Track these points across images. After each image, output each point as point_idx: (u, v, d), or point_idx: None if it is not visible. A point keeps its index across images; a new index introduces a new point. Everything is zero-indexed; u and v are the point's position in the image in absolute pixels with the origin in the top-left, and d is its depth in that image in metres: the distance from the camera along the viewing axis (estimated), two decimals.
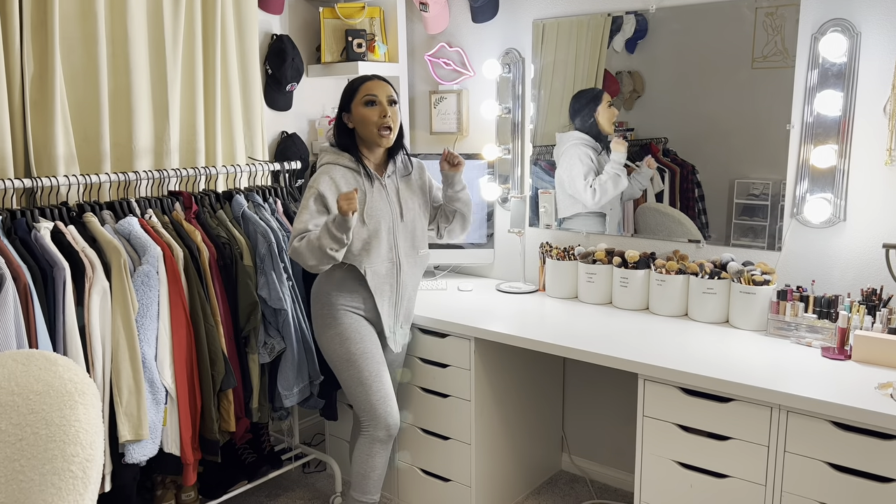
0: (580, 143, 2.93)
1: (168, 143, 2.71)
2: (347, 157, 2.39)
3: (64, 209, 2.28)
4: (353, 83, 2.39)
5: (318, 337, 2.47)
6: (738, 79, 2.55)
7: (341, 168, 2.37)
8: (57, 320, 2.08)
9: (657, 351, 2.23)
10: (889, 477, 1.80)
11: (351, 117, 2.38)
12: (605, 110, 2.86)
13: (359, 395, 2.41)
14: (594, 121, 2.88)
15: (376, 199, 2.38)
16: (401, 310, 2.49)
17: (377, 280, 2.39)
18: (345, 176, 2.36)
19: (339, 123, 2.42)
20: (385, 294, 2.42)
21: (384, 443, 2.43)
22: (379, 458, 2.44)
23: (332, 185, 2.33)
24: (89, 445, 1.65)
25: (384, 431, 2.42)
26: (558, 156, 2.99)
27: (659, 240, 2.79)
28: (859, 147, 2.31)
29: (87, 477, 1.62)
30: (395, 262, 2.43)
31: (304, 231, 2.29)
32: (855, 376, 2.01)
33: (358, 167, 2.38)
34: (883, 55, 2.23)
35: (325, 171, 2.35)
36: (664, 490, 2.19)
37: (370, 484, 2.46)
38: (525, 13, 3.00)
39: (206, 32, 2.81)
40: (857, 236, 2.36)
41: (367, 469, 2.44)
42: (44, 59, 2.38)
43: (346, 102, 2.39)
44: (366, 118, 2.34)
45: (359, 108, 2.35)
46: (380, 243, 2.37)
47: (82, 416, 1.67)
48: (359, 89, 2.35)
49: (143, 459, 2.21)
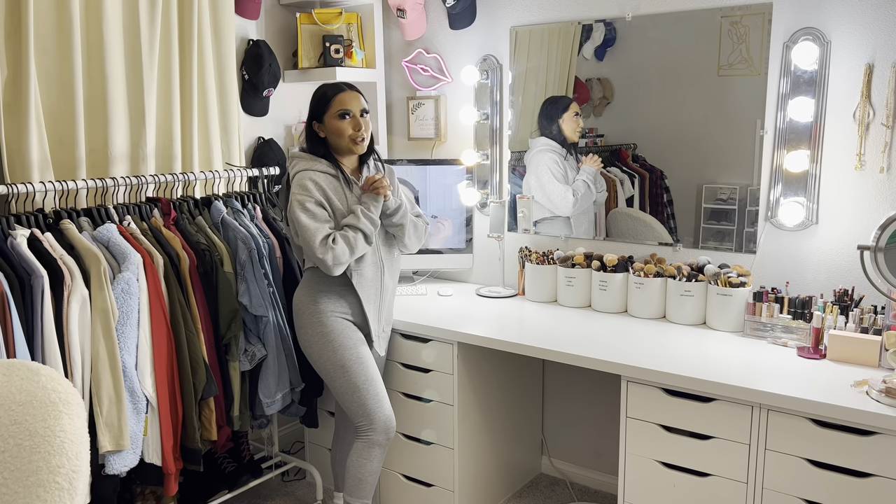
0: (547, 150, 2.98)
1: (144, 148, 2.68)
2: (325, 163, 2.36)
3: (40, 216, 2.24)
4: (325, 94, 2.36)
5: (305, 345, 2.44)
6: (704, 86, 2.61)
7: (320, 174, 2.34)
8: (35, 329, 2.04)
9: (638, 353, 2.27)
10: (867, 472, 1.86)
11: (323, 128, 2.37)
12: (571, 119, 2.91)
13: (355, 400, 2.39)
14: (559, 128, 2.93)
15: (355, 203, 2.37)
16: (384, 312, 2.50)
17: (364, 283, 2.39)
18: (325, 180, 2.34)
19: (311, 132, 2.40)
20: (371, 297, 2.42)
21: (382, 446, 2.44)
22: (376, 461, 2.44)
23: (318, 188, 2.31)
24: (75, 456, 1.61)
25: (383, 435, 2.41)
26: (528, 161, 3.04)
27: (634, 243, 2.83)
28: (831, 152, 2.38)
29: (74, 488, 1.59)
30: (378, 265, 2.44)
31: (325, 233, 2.26)
32: (831, 375, 2.07)
33: (336, 172, 2.37)
34: (852, 63, 2.31)
35: (307, 178, 2.32)
36: (647, 490, 2.22)
37: (365, 488, 2.45)
38: (502, 20, 3.03)
39: (183, 37, 2.78)
40: (829, 239, 2.42)
41: (365, 473, 2.43)
42: (18, 63, 2.33)
43: (319, 113, 2.36)
44: (339, 131, 2.34)
45: (332, 121, 2.34)
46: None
47: (67, 427, 1.63)
48: (332, 102, 2.34)
49: (123, 470, 2.18)
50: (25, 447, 1.60)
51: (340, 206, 2.34)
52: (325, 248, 2.25)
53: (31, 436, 1.61)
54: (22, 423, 1.62)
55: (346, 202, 2.35)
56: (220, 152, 2.96)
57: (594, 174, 2.87)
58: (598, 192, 2.89)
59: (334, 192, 2.34)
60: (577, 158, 2.92)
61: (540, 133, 2.99)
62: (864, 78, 2.28)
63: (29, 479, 1.57)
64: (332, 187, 2.34)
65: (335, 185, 2.36)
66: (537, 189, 3.01)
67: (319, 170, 2.35)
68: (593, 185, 2.88)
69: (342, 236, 2.27)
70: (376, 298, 2.45)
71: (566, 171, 2.93)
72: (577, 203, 2.93)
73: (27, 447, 1.60)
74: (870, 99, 2.29)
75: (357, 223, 2.29)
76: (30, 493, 1.56)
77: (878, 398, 1.86)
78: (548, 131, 2.97)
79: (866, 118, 2.30)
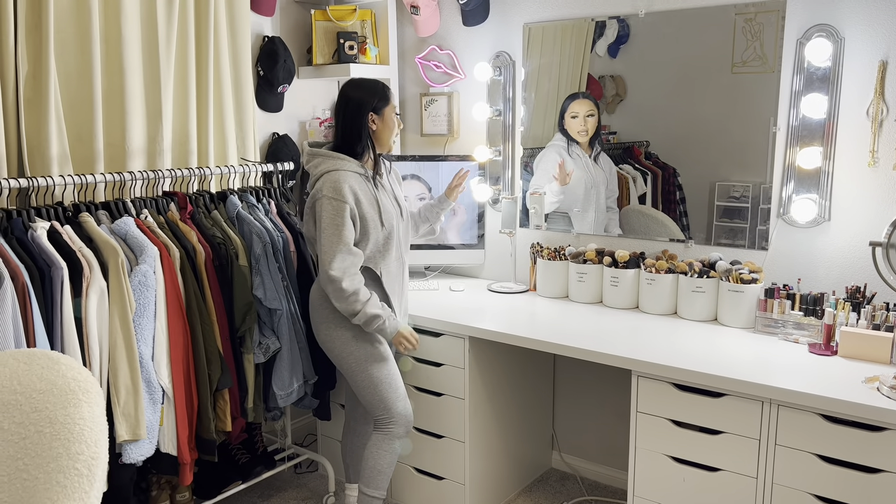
0: (553, 147, 3.01)
1: (161, 143, 2.71)
2: (355, 163, 2.35)
3: (59, 209, 2.28)
4: (384, 88, 2.40)
5: (326, 339, 2.44)
6: (718, 83, 2.61)
7: (352, 175, 2.32)
8: (55, 320, 2.08)
9: (649, 348, 2.28)
10: (877, 468, 1.86)
11: (380, 121, 2.38)
12: (569, 120, 2.93)
13: (377, 394, 2.42)
14: (564, 126, 2.96)
15: (384, 201, 2.40)
16: (403, 305, 2.55)
17: (390, 279, 2.43)
18: (358, 182, 2.33)
19: (362, 124, 2.36)
20: (396, 291, 2.47)
21: (402, 439, 2.49)
22: (395, 454, 2.49)
23: (353, 195, 2.29)
24: (94, 443, 1.65)
25: (403, 428, 2.47)
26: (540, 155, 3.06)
27: (646, 240, 2.84)
28: (844, 149, 2.38)
29: (93, 475, 1.62)
30: (401, 261, 2.48)
31: (349, 251, 2.27)
32: (842, 371, 2.07)
33: (365, 171, 2.37)
34: (866, 60, 2.31)
35: (343, 180, 2.28)
36: (657, 485, 2.23)
37: (382, 479, 2.48)
38: (515, 17, 3.04)
39: (199, 34, 2.81)
40: (841, 235, 2.42)
41: (384, 465, 2.47)
42: (38, 59, 2.37)
43: (381, 105, 2.37)
44: (393, 126, 2.43)
45: (391, 115, 2.41)
46: (392, 244, 2.41)
47: (86, 414, 1.67)
48: (390, 98, 2.41)
49: (140, 459, 2.21)
50: (46, 434, 1.64)
51: (370, 210, 2.33)
52: (345, 274, 2.26)
53: (52, 423, 1.65)
54: (42, 410, 1.66)
55: (374, 201, 2.36)
56: (236, 147, 2.99)
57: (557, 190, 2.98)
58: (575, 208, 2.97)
59: (364, 194, 2.34)
60: (595, 157, 2.92)
61: (557, 128, 3.00)
62: (878, 75, 2.28)
63: (49, 465, 1.61)
64: (363, 190, 2.34)
65: (364, 185, 2.36)
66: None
67: (351, 170, 2.33)
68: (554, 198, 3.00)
69: (363, 293, 2.29)
70: (399, 292, 2.50)
71: (563, 167, 2.97)
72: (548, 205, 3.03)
73: (48, 434, 1.64)
74: (883, 96, 2.28)
75: (381, 313, 2.31)
76: (50, 479, 1.60)
77: (889, 394, 1.86)
78: (560, 128, 2.99)
79: (880, 115, 2.29)
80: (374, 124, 2.38)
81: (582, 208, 2.96)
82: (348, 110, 2.37)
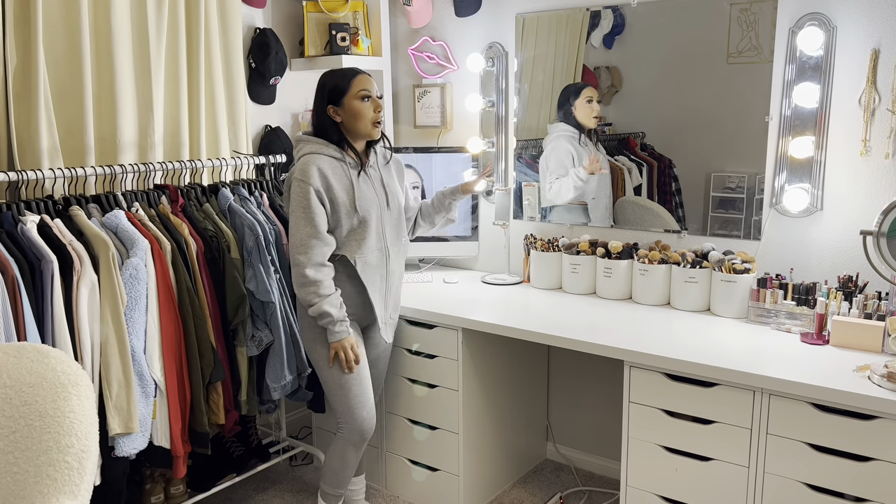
0: (562, 136, 2.97)
1: (152, 136, 2.70)
2: (334, 148, 2.34)
3: (50, 202, 2.27)
4: (345, 76, 2.34)
5: (301, 335, 2.47)
6: (713, 74, 2.61)
7: (326, 158, 2.32)
8: (45, 314, 2.07)
9: (642, 338, 2.28)
10: (868, 456, 1.86)
11: (341, 111, 2.34)
12: (584, 105, 2.90)
13: (339, 397, 2.41)
14: (573, 114, 2.93)
15: (363, 188, 2.36)
16: (390, 299, 2.50)
17: (368, 270, 2.38)
18: (331, 166, 2.31)
19: (324, 117, 2.35)
20: (376, 284, 2.42)
21: (357, 446, 2.46)
22: (351, 458, 2.48)
23: (321, 177, 2.28)
24: (84, 436, 1.64)
25: (358, 436, 2.44)
26: (545, 145, 3.03)
27: (639, 230, 2.84)
28: (836, 138, 2.38)
29: (83, 468, 1.62)
30: (383, 251, 2.43)
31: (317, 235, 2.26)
32: (833, 360, 2.07)
33: (343, 156, 2.35)
34: (858, 48, 2.30)
35: (311, 162, 2.28)
36: (650, 474, 2.24)
37: (341, 480, 2.51)
38: (508, 7, 3.03)
39: (190, 26, 2.80)
40: (833, 225, 2.42)
41: (339, 467, 2.48)
42: (27, 52, 2.35)
43: (337, 96, 2.33)
44: (361, 113, 2.33)
45: (353, 103, 2.32)
46: (370, 233, 2.36)
47: (76, 407, 1.66)
48: (352, 84, 2.32)
49: (133, 453, 2.21)
50: (36, 427, 1.63)
51: (342, 194, 2.30)
52: (309, 261, 2.25)
53: (42, 416, 1.64)
54: (32, 403, 1.65)
55: (350, 187, 2.33)
56: (228, 140, 2.98)
57: (586, 179, 2.89)
58: (591, 197, 2.92)
59: (338, 179, 2.31)
60: (597, 143, 2.91)
61: (559, 119, 2.98)
62: (870, 63, 2.27)
63: (39, 458, 1.61)
64: (337, 174, 2.32)
65: (340, 171, 2.33)
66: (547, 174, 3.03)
67: (327, 154, 2.32)
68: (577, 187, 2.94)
69: (325, 286, 2.27)
70: (381, 285, 2.44)
71: (578, 157, 2.93)
72: (550, 193, 3.00)
73: (37, 427, 1.63)
74: (875, 84, 2.28)
75: (333, 313, 2.28)
76: (40, 472, 1.59)
77: (880, 383, 1.86)
78: (565, 117, 2.96)
79: (872, 104, 2.29)
80: (338, 115, 2.34)
81: (596, 195, 2.94)
82: (314, 105, 2.39)
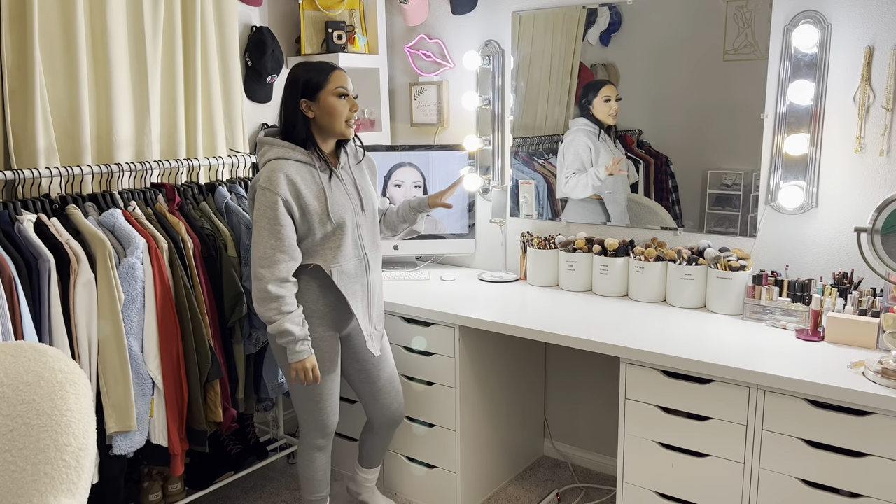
0: (581, 131, 2.95)
1: (149, 135, 2.70)
2: (301, 151, 2.19)
3: (46, 201, 2.27)
4: (321, 71, 2.20)
5: (272, 344, 2.32)
6: (710, 71, 2.61)
7: (294, 163, 2.16)
8: (42, 312, 2.07)
9: (638, 335, 2.28)
10: (862, 452, 1.87)
11: (315, 106, 2.19)
12: (601, 104, 2.89)
13: (305, 407, 2.38)
14: (591, 111, 2.92)
15: (335, 192, 2.23)
16: (373, 309, 2.37)
17: (346, 280, 2.25)
18: (300, 172, 2.17)
19: (296, 112, 2.20)
20: (357, 294, 2.29)
21: (322, 448, 2.45)
22: (319, 461, 2.46)
23: (290, 185, 2.14)
24: (82, 435, 1.65)
25: (321, 438, 2.42)
26: (565, 138, 2.99)
27: (635, 228, 2.84)
28: (830, 135, 2.38)
29: (81, 466, 1.62)
30: (362, 259, 2.30)
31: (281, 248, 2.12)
32: (828, 356, 2.08)
33: (312, 160, 2.20)
34: (852, 46, 2.31)
35: (278, 169, 2.13)
36: (646, 470, 2.25)
37: (317, 484, 2.49)
38: (504, 5, 3.03)
39: (186, 24, 2.80)
40: (828, 222, 2.43)
41: (311, 472, 2.47)
42: (23, 50, 2.35)
43: (312, 90, 2.18)
44: (337, 110, 2.20)
45: (330, 99, 2.19)
46: (346, 240, 2.23)
47: (74, 406, 1.67)
48: (329, 79, 2.19)
49: (130, 451, 2.22)
50: (33, 426, 1.64)
51: (312, 202, 2.18)
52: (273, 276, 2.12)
53: (39, 415, 1.64)
54: (30, 402, 1.65)
55: (321, 193, 2.19)
56: (224, 138, 2.98)
57: (604, 178, 2.88)
58: (607, 191, 2.91)
59: (307, 185, 2.18)
60: (615, 140, 2.90)
61: (580, 113, 2.95)
62: (865, 61, 2.28)
63: (37, 457, 1.61)
64: (306, 180, 2.18)
65: (309, 176, 2.19)
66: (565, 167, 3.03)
67: (294, 159, 2.17)
68: (595, 186, 2.91)
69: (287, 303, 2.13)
70: (363, 295, 2.32)
71: (595, 152, 2.93)
72: (566, 187, 2.98)
73: (35, 426, 1.63)
74: (870, 82, 2.29)
75: (296, 332, 2.15)
76: (38, 471, 1.60)
77: (875, 379, 1.87)
78: (584, 112, 2.93)
79: (866, 101, 2.30)
80: (311, 111, 2.20)
81: (613, 190, 2.92)
82: (283, 97, 2.23)
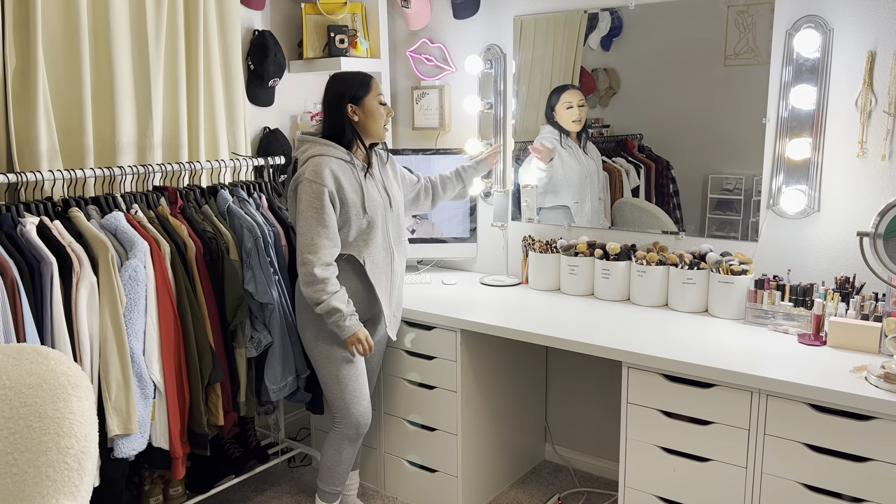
0: (544, 139, 3.00)
1: (151, 138, 2.71)
2: (341, 150, 2.38)
3: (49, 204, 2.27)
4: (364, 79, 2.42)
5: (301, 331, 2.49)
6: (711, 76, 2.62)
7: (335, 160, 2.35)
8: (45, 315, 2.07)
9: (640, 340, 2.28)
10: (865, 456, 1.87)
11: (360, 111, 2.40)
12: (563, 110, 2.92)
13: (335, 392, 2.45)
14: (554, 117, 2.96)
15: (370, 189, 2.41)
16: (394, 297, 2.54)
17: (375, 269, 2.43)
18: (341, 168, 2.35)
19: (342, 115, 2.39)
20: (383, 283, 2.46)
21: (353, 441, 2.50)
22: (346, 453, 2.51)
23: (334, 179, 2.32)
24: (84, 437, 1.65)
25: (354, 430, 2.48)
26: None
27: (637, 232, 2.84)
28: (832, 140, 2.39)
29: (83, 469, 1.63)
30: (388, 251, 2.48)
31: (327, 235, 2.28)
32: (831, 361, 2.08)
33: (351, 158, 2.39)
34: (854, 50, 2.31)
35: (324, 164, 2.31)
36: (648, 475, 2.24)
37: (337, 476, 2.54)
38: (506, 9, 3.04)
39: (189, 28, 2.80)
40: (830, 226, 2.43)
41: (335, 463, 2.52)
42: (26, 53, 2.36)
43: (360, 95, 2.40)
44: (378, 115, 2.42)
45: (374, 104, 2.41)
46: (377, 233, 2.41)
47: (76, 409, 1.67)
48: (371, 86, 2.41)
49: (132, 454, 2.21)
50: (35, 429, 1.64)
51: (352, 195, 2.35)
52: (319, 260, 2.27)
53: (41, 418, 1.65)
54: (32, 405, 1.66)
55: (359, 189, 2.37)
56: (227, 142, 2.98)
57: (544, 167, 2.98)
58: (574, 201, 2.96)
59: (348, 180, 2.35)
60: (584, 146, 2.92)
61: (547, 121, 3.00)
62: (867, 66, 2.28)
63: (39, 459, 1.61)
64: (347, 176, 2.36)
65: (349, 172, 2.37)
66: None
67: (335, 156, 2.36)
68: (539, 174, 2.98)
69: (332, 283, 2.29)
70: (387, 283, 2.49)
71: (561, 159, 2.96)
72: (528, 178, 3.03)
73: (37, 429, 1.64)
74: (872, 86, 2.29)
75: (343, 308, 2.30)
76: (40, 473, 1.60)
77: (877, 383, 1.87)
78: (549, 119, 2.98)
79: (868, 106, 2.30)
80: (356, 115, 2.40)
81: (579, 199, 2.96)
82: (330, 104, 2.42)
